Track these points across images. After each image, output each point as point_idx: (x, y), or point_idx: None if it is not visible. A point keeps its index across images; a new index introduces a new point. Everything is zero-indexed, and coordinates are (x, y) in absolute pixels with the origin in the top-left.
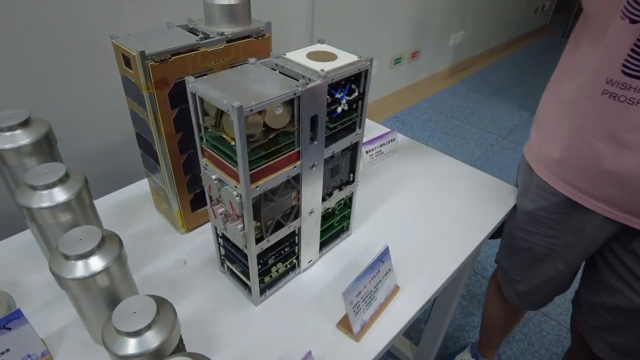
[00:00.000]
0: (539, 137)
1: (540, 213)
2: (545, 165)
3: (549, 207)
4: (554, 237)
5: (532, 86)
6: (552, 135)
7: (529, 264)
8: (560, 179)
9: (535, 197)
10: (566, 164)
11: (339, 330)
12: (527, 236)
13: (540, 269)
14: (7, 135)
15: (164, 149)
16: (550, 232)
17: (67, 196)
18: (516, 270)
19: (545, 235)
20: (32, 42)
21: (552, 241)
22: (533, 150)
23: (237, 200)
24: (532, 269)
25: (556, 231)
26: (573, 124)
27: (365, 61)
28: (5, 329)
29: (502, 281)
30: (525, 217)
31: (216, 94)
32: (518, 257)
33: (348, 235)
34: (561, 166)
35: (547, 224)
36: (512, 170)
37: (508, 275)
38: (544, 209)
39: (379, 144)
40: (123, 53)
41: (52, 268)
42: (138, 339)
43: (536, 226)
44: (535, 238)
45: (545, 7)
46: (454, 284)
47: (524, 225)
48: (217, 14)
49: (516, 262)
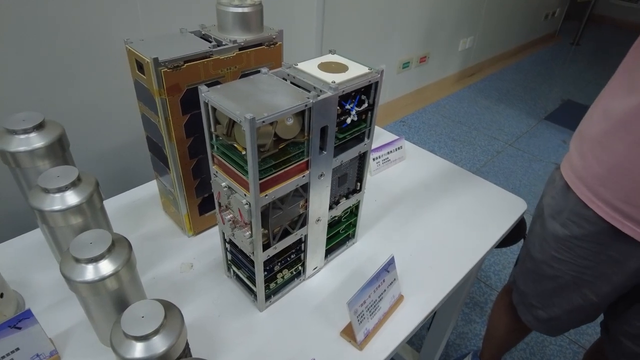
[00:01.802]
0: (581, 152)
1: (573, 241)
2: (587, 185)
3: (584, 236)
4: (587, 267)
5: (541, 93)
6: (598, 152)
7: (553, 291)
8: (602, 202)
9: (567, 223)
10: (613, 184)
11: (343, 339)
12: (555, 263)
13: (566, 298)
14: (21, 138)
15: (175, 153)
16: (582, 261)
17: (78, 200)
18: (537, 296)
19: (577, 265)
20: (44, 45)
21: (583, 271)
22: (573, 166)
23: (246, 208)
24: (557, 296)
25: (590, 261)
26: (625, 141)
27: (376, 73)
28: (15, 328)
29: (518, 304)
30: (555, 242)
31: (229, 104)
32: (540, 283)
33: (353, 243)
34: (606, 186)
35: (580, 253)
36: (517, 178)
37: (526, 299)
38: (578, 237)
39: (386, 152)
40: (136, 58)
41: (62, 270)
42: (145, 343)
43: (567, 254)
44: (564, 266)
45: (556, 13)
46: (457, 292)
47: (552, 250)
48: (230, 21)
49: (537, 288)
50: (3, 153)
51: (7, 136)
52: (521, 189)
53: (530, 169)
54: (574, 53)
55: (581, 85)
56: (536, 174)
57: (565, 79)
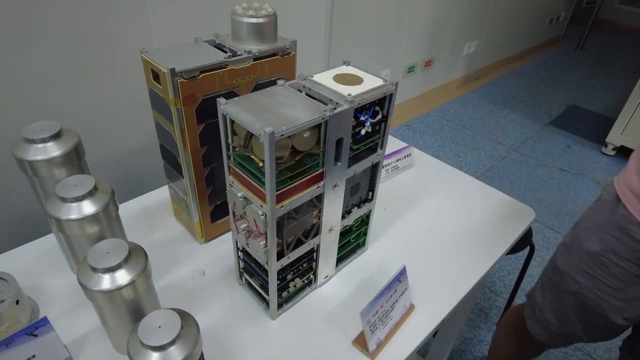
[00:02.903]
0: (638, 163)
1: (609, 256)
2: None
3: (624, 252)
4: (617, 289)
5: (545, 98)
6: None
7: (573, 308)
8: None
9: (607, 237)
10: None
11: (355, 348)
12: (581, 278)
13: (586, 317)
14: (39, 147)
15: (189, 162)
16: (613, 281)
17: (95, 209)
18: (553, 309)
19: (606, 284)
20: (60, 52)
21: (612, 292)
22: (628, 179)
23: (262, 219)
24: (575, 314)
25: (622, 283)
26: None
27: (391, 85)
28: (32, 336)
29: (528, 316)
30: (588, 257)
31: (247, 117)
32: (560, 296)
33: (364, 251)
34: None
35: (614, 272)
36: (522, 184)
37: (542, 313)
38: (616, 252)
39: (395, 159)
40: (152, 68)
41: (80, 279)
42: (162, 352)
43: (599, 270)
44: (590, 283)
45: (560, 18)
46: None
47: (582, 265)
48: (245, 31)
49: (555, 302)
50: (21, 161)
51: (26, 145)
52: (526, 194)
53: (535, 174)
54: (578, 58)
55: (585, 90)
56: (540, 179)
57: (570, 83)
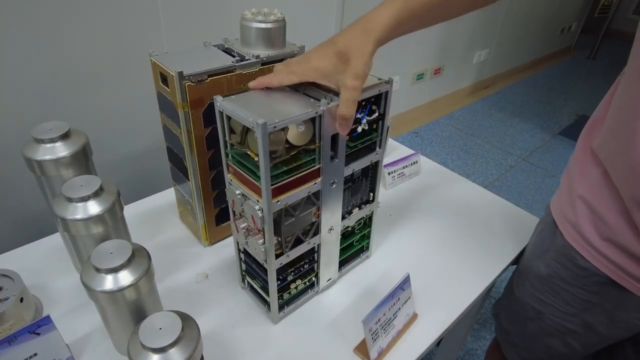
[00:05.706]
0: (568, 189)
1: (557, 282)
2: (573, 225)
3: (571, 279)
4: (571, 314)
5: (555, 108)
6: (579, 184)
7: (535, 335)
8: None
9: (552, 263)
10: (605, 221)
11: (356, 355)
12: (538, 305)
13: (548, 344)
14: (47, 147)
15: (195, 165)
16: (567, 307)
17: (100, 209)
18: (519, 336)
19: (560, 311)
20: (68, 55)
21: (567, 318)
22: (562, 203)
23: (259, 214)
24: (538, 342)
25: (575, 309)
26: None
27: (386, 83)
28: (34, 334)
29: (501, 340)
30: (539, 282)
31: (242, 112)
32: (523, 323)
33: (367, 257)
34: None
35: (565, 298)
36: (530, 194)
37: (509, 336)
38: (563, 278)
39: (401, 166)
40: (161, 71)
41: (83, 279)
42: (162, 354)
43: (551, 297)
44: (547, 310)
45: (572, 27)
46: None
47: (535, 292)
48: (253, 36)
49: (520, 329)
50: (29, 161)
51: (34, 145)
52: (534, 204)
53: (544, 184)
54: (589, 68)
55: (596, 100)
56: (549, 190)
57: (581, 93)
